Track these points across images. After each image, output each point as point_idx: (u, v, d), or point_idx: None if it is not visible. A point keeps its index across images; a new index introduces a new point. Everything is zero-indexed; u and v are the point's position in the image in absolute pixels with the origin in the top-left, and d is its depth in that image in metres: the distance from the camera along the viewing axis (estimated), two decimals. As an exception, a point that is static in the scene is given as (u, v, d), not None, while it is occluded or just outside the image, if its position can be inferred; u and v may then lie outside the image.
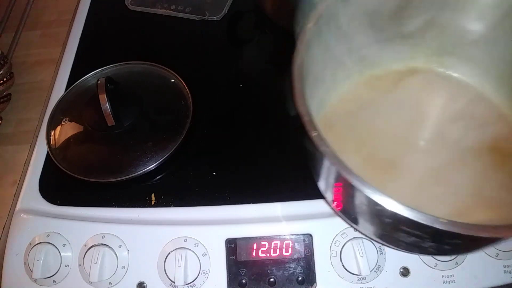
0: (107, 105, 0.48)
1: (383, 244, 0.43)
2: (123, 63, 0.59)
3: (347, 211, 0.37)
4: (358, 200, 0.32)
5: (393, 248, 0.42)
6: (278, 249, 0.45)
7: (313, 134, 0.31)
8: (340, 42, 0.41)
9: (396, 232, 0.33)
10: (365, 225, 0.37)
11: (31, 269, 0.45)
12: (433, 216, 0.27)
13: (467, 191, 0.39)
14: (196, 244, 0.45)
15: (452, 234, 0.28)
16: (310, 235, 0.45)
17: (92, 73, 0.58)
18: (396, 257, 0.44)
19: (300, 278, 0.44)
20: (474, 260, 0.44)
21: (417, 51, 0.46)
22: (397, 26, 0.43)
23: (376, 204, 0.29)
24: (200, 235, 0.45)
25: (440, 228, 0.27)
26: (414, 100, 0.45)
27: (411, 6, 0.41)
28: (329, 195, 0.39)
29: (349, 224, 0.43)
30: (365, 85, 0.46)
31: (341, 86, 0.45)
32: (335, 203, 0.38)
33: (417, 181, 0.40)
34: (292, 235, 0.45)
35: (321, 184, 0.39)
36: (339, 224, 0.45)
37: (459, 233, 0.27)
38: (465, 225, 0.27)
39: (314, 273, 0.44)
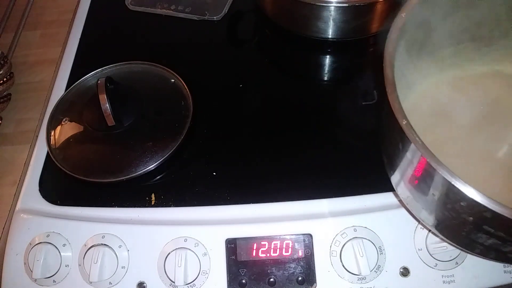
0: (107, 105, 0.48)
1: (457, 248, 0.41)
2: (123, 63, 0.59)
3: (424, 207, 0.36)
4: (441, 194, 0.31)
5: (466, 252, 0.41)
6: (278, 249, 0.45)
7: (403, 122, 0.31)
8: (427, 36, 0.41)
9: (476, 232, 0.31)
10: (441, 225, 0.36)
11: (31, 269, 0.45)
12: None
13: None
14: (196, 244, 0.45)
15: None
16: (310, 235, 0.45)
17: (92, 73, 0.58)
18: (396, 257, 0.44)
19: (300, 278, 0.44)
20: (474, 260, 0.44)
21: (504, 54, 0.45)
22: (485, 27, 0.42)
23: (463, 198, 0.27)
24: (200, 235, 0.45)
25: None
26: (496, 104, 0.44)
27: (502, 8, 0.41)
28: (404, 190, 0.38)
29: (421, 222, 0.42)
30: (447, 84, 0.45)
31: (422, 82, 0.45)
32: (412, 197, 0.37)
33: (492, 182, 0.39)
34: (292, 235, 0.45)
35: (396, 176, 0.38)
36: (339, 224, 0.45)
37: None
38: None
39: (314, 273, 0.44)
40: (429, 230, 0.43)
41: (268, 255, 0.45)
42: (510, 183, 0.39)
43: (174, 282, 0.44)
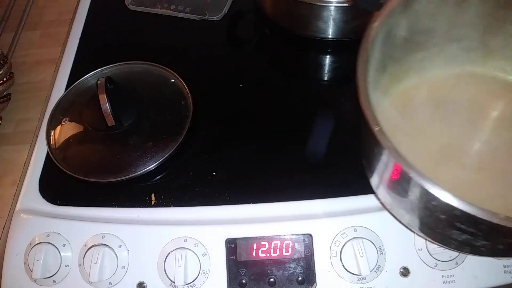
0: (107, 105, 0.48)
1: (433, 243, 0.42)
2: (123, 63, 0.59)
3: (401, 207, 0.37)
4: (415, 195, 0.32)
5: (443, 247, 0.42)
6: (278, 249, 0.45)
7: (375, 128, 0.32)
8: (401, 43, 0.42)
9: (449, 229, 0.33)
10: (417, 223, 0.37)
11: (31, 269, 0.45)
12: (491, 211, 0.27)
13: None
14: (196, 244, 0.45)
15: (509, 231, 0.28)
16: (310, 235, 0.45)
17: (92, 73, 0.58)
18: (396, 257, 0.44)
19: (300, 278, 0.44)
20: (474, 260, 0.44)
21: (476, 56, 0.46)
22: (458, 31, 0.44)
23: (433, 198, 0.29)
24: (200, 235, 0.45)
25: (497, 223, 0.27)
26: (471, 102, 0.46)
27: (474, 13, 0.42)
28: (383, 191, 0.39)
29: (399, 221, 0.43)
30: (424, 85, 0.47)
31: (399, 85, 0.46)
32: (389, 198, 0.38)
33: (469, 179, 0.41)
34: (292, 235, 0.45)
35: (375, 179, 0.39)
36: (339, 224, 0.45)
37: None
38: None
39: (314, 273, 0.44)
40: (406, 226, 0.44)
41: (268, 255, 0.45)
42: (482, 180, 0.41)
43: (174, 282, 0.44)
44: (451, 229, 0.32)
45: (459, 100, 0.46)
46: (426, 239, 0.42)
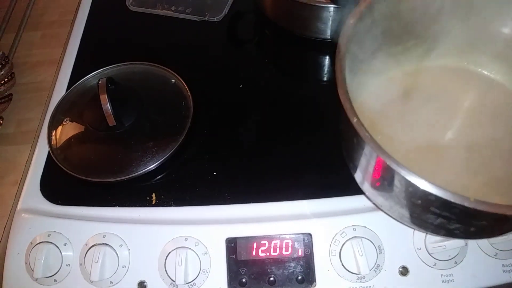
0: (108, 105, 0.49)
1: (412, 228, 0.44)
2: (124, 63, 0.59)
3: (382, 196, 0.39)
4: (394, 183, 0.34)
5: (422, 232, 0.44)
6: (278, 248, 0.45)
7: (354, 120, 0.33)
8: (376, 38, 0.43)
9: (425, 214, 0.35)
10: (398, 210, 0.38)
11: (32, 268, 0.45)
12: (462, 195, 0.29)
13: (494, 180, 0.41)
14: (197, 243, 0.45)
15: (479, 214, 0.30)
16: (310, 235, 0.45)
17: (93, 73, 0.59)
18: (395, 257, 0.44)
19: (299, 277, 0.45)
20: (473, 259, 0.44)
21: (449, 50, 0.48)
22: (431, 25, 0.45)
23: (410, 185, 0.31)
24: (201, 234, 0.46)
25: (468, 206, 0.29)
26: (445, 95, 0.47)
27: (447, 8, 0.44)
28: (366, 183, 0.40)
29: (382, 210, 0.44)
30: (399, 79, 0.48)
31: (375, 79, 0.47)
32: (371, 189, 0.40)
33: (445, 168, 0.42)
34: (292, 234, 0.45)
35: (358, 171, 0.41)
36: (339, 223, 0.45)
37: (486, 212, 0.29)
38: (492, 204, 0.29)
39: (314, 272, 0.44)
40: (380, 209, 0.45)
41: (268, 254, 0.45)
42: (456, 168, 0.43)
43: (174, 281, 0.44)
44: (427, 214, 0.34)
45: (433, 92, 0.47)
46: (404, 224, 0.43)
